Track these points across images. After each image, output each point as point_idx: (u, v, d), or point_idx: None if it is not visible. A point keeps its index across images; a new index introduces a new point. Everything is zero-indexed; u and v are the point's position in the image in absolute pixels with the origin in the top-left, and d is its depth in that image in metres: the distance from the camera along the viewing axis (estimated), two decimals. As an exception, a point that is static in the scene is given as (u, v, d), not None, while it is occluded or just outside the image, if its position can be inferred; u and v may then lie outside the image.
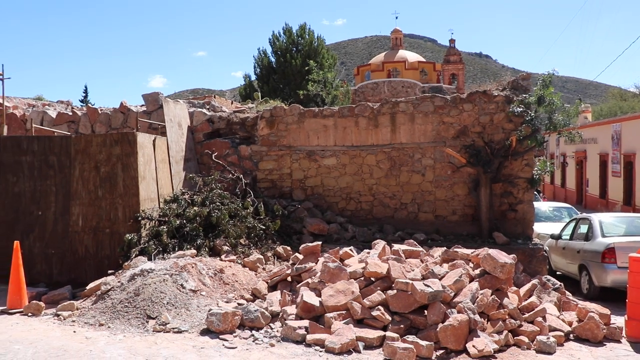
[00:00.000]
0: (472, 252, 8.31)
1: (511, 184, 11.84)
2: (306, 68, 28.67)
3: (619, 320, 7.84)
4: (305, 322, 7.15)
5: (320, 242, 9.37)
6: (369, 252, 8.67)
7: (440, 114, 12.13)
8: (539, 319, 7.35)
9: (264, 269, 9.61)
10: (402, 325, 6.99)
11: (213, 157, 12.84)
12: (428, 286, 7.14)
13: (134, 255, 9.29)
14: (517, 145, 11.59)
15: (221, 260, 9.33)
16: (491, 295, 7.31)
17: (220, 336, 7.00)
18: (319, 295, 7.59)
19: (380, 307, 7.20)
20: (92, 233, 10.01)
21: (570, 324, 7.61)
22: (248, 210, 10.72)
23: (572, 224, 12.78)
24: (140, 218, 9.82)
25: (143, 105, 13.58)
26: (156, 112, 12.79)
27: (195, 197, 10.85)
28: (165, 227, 9.83)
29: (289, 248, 10.38)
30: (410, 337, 6.63)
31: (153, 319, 7.42)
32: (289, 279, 8.76)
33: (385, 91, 49.54)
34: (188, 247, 9.54)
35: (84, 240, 10.03)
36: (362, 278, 7.82)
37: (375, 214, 12.48)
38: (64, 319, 7.72)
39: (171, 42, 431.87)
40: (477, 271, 7.87)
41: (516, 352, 6.78)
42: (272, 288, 8.71)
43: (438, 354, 6.59)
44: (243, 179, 12.04)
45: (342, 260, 8.72)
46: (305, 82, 27.76)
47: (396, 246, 8.77)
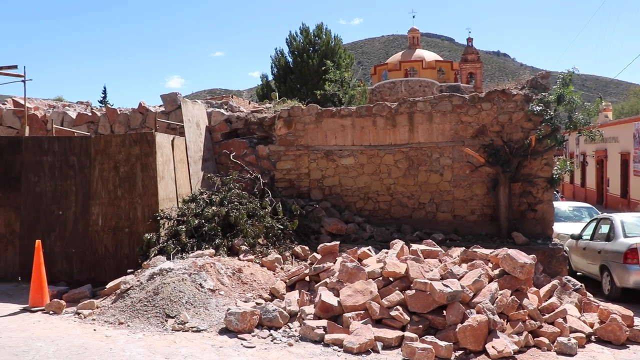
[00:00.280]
0: (491, 252, 8.26)
1: (530, 183, 11.74)
2: (323, 68, 28.63)
3: (642, 322, 7.75)
4: (324, 322, 7.14)
5: (338, 242, 9.35)
6: (387, 252, 8.65)
7: (458, 113, 12.07)
8: (560, 320, 7.27)
9: (282, 268, 9.62)
10: (420, 326, 6.95)
11: (231, 157, 12.89)
12: (447, 286, 7.09)
13: (152, 255, 9.34)
14: (537, 145, 11.48)
15: (239, 259, 9.35)
16: (511, 295, 7.25)
17: (239, 335, 7.02)
18: (337, 295, 7.58)
19: (398, 307, 7.17)
20: (112, 232, 10.09)
21: (591, 326, 7.51)
22: (266, 210, 10.74)
23: (592, 224, 12.62)
24: (159, 218, 9.88)
25: (161, 106, 13.66)
26: (174, 113, 12.85)
27: (213, 196, 10.89)
28: (183, 227, 9.88)
29: (307, 248, 10.39)
30: (429, 338, 6.60)
31: (172, 318, 7.46)
32: (307, 278, 8.76)
33: (402, 91, 49.30)
34: (206, 246, 9.58)
35: (103, 240, 10.11)
36: (381, 278, 7.80)
37: (393, 214, 12.44)
38: (85, 317, 7.79)
39: (189, 42, 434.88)
40: (497, 271, 7.81)
41: (536, 353, 6.71)
42: (290, 288, 8.71)
43: (457, 354, 6.55)
44: (261, 179, 12.06)
45: (360, 260, 8.70)
46: (322, 82, 27.74)
47: (414, 246, 8.73)
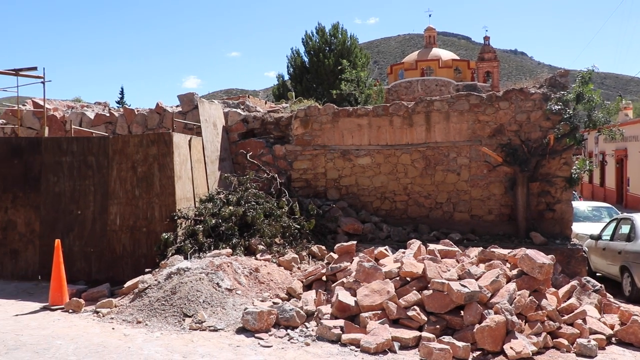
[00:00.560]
0: (509, 253, 8.19)
1: (549, 183, 11.64)
2: (339, 67, 28.62)
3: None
4: (341, 322, 7.13)
5: (355, 242, 9.33)
6: (404, 252, 8.61)
7: (475, 112, 11.99)
8: (579, 321, 7.19)
9: (298, 268, 9.62)
10: (438, 326, 6.92)
11: (248, 157, 12.93)
12: (464, 286, 7.05)
13: (170, 254, 9.40)
14: (555, 144, 11.39)
15: (256, 259, 9.37)
16: (529, 296, 7.19)
17: (256, 335, 7.03)
18: (354, 295, 7.56)
19: (415, 307, 7.14)
20: (130, 232, 10.16)
21: (612, 327, 7.43)
22: (283, 210, 10.75)
23: (612, 224, 12.47)
24: (176, 217, 9.93)
25: (178, 106, 13.73)
26: (191, 113, 12.91)
27: (230, 196, 10.92)
28: (201, 227, 9.92)
29: (323, 247, 10.38)
30: (447, 338, 6.56)
31: (189, 317, 7.49)
32: (324, 278, 8.75)
33: (418, 90, 49.17)
34: (223, 246, 9.61)
35: (121, 239, 10.19)
36: (398, 278, 7.77)
37: (410, 214, 12.40)
38: (103, 316, 7.86)
39: (205, 42, 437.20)
40: (515, 272, 7.74)
41: (555, 354, 6.64)
42: (307, 287, 8.71)
43: (475, 355, 6.51)
44: (278, 179, 12.08)
45: (377, 260, 8.68)
46: (339, 82, 27.72)
47: (431, 246, 8.69)
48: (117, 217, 10.23)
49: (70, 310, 8.26)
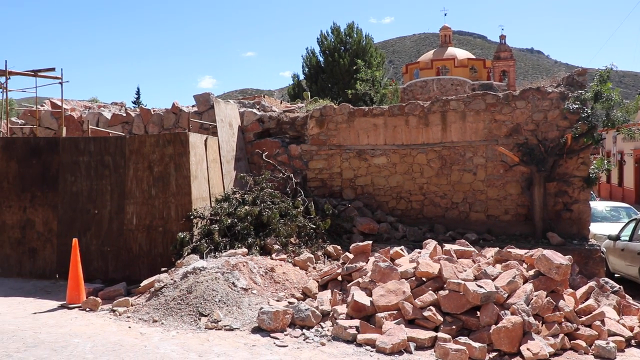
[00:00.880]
0: (525, 253, 8.14)
1: (566, 183, 11.54)
2: (354, 67, 28.58)
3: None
4: (356, 322, 7.13)
5: (370, 242, 9.31)
6: (420, 252, 8.58)
7: (492, 111, 11.92)
8: (597, 322, 7.12)
9: (314, 268, 9.63)
10: (454, 326, 6.89)
11: (263, 157, 12.95)
12: (481, 287, 7.01)
13: (186, 254, 9.44)
14: (573, 143, 11.28)
15: (272, 259, 9.39)
16: (546, 297, 7.13)
17: (271, 334, 7.04)
18: (370, 295, 7.55)
19: (431, 307, 7.11)
20: (146, 231, 10.22)
21: (631, 329, 7.34)
22: (298, 210, 10.75)
23: (631, 224, 12.32)
24: (192, 217, 9.97)
25: (194, 106, 13.78)
26: (207, 113, 12.96)
27: (246, 196, 10.95)
28: (216, 226, 9.95)
29: (339, 247, 10.37)
30: (463, 339, 6.53)
31: (205, 316, 7.52)
32: (340, 278, 8.75)
33: (434, 89, 49.01)
34: (239, 245, 9.63)
35: (137, 239, 10.25)
36: (413, 278, 7.74)
37: (425, 214, 12.35)
38: (120, 315, 7.92)
39: (220, 43, 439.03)
40: (531, 272, 7.69)
41: (573, 356, 6.59)
42: (323, 287, 8.71)
43: (491, 356, 6.47)
44: (293, 178, 12.09)
45: (393, 260, 8.66)
46: (354, 81, 27.68)
47: (447, 246, 8.65)
48: (133, 217, 10.30)
49: (87, 309, 8.33)
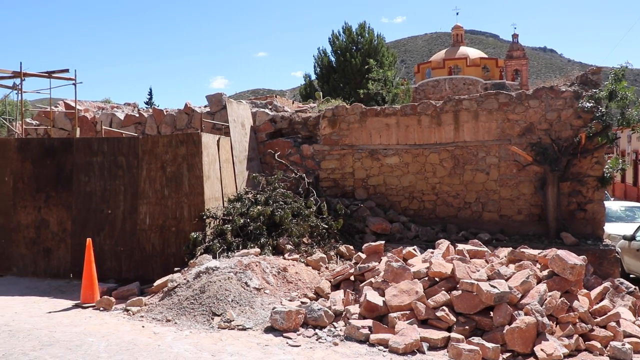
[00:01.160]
0: (539, 253, 8.09)
1: (580, 182, 11.46)
2: (366, 67, 28.58)
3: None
4: (369, 322, 7.12)
5: (383, 242, 9.31)
6: (432, 252, 8.57)
7: (505, 111, 11.86)
8: (613, 323, 7.05)
9: (326, 267, 9.63)
10: (467, 327, 6.86)
11: (276, 157, 12.97)
12: (494, 287, 6.98)
13: (199, 253, 9.47)
14: (587, 143, 11.20)
15: (284, 259, 9.40)
16: (560, 297, 7.09)
17: (284, 334, 7.05)
18: (383, 295, 7.54)
19: (444, 307, 7.09)
20: (159, 231, 10.27)
21: (647, 330, 7.27)
22: (311, 210, 10.76)
23: (646, 225, 12.23)
24: (205, 217, 10.00)
25: (207, 106, 13.84)
26: (219, 113, 13.00)
27: (258, 196, 10.97)
28: (229, 226, 9.98)
29: (351, 247, 10.37)
30: (476, 339, 6.50)
31: (218, 316, 7.54)
32: (352, 278, 8.74)
33: (446, 89, 48.90)
34: (252, 245, 9.65)
35: (151, 238, 10.30)
36: (426, 278, 7.72)
37: (438, 213, 12.31)
38: (133, 314, 7.96)
39: (232, 43, 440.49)
40: (545, 272, 7.64)
41: (588, 357, 6.54)
42: (335, 287, 8.71)
43: (504, 356, 6.44)
44: (305, 178, 12.10)
45: (406, 260, 8.64)
46: (366, 81, 27.68)
47: (460, 246, 8.63)
48: (146, 217, 10.35)
49: (101, 308, 8.38)
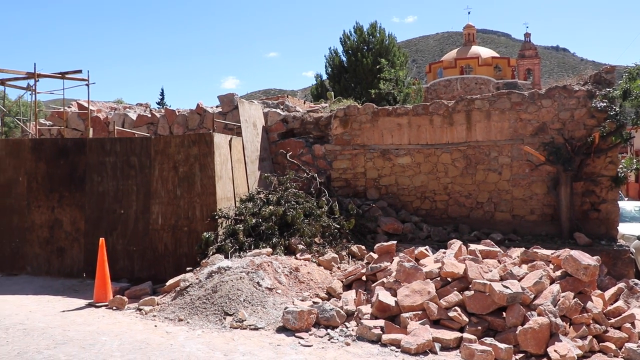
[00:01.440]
0: (552, 253, 8.03)
1: (594, 182, 11.38)
2: (377, 67, 28.52)
3: None
4: (381, 322, 7.10)
5: (394, 242, 9.28)
6: (444, 252, 8.53)
7: (517, 110, 11.80)
8: (627, 325, 6.99)
9: (338, 267, 9.63)
10: (479, 327, 6.83)
11: (287, 157, 12.99)
12: (507, 287, 6.94)
13: (211, 253, 9.50)
14: (600, 142, 11.12)
15: (296, 258, 9.41)
16: (573, 298, 7.03)
17: (296, 334, 7.05)
18: (395, 295, 7.52)
19: (457, 308, 7.06)
20: (171, 231, 10.32)
21: (662, 331, 7.20)
22: (322, 210, 10.77)
23: (662, 225, 12.12)
24: (217, 217, 10.03)
25: (218, 107, 13.87)
26: (231, 113, 13.03)
27: (270, 196, 10.99)
28: (241, 226, 10.00)
29: (363, 247, 10.36)
30: (488, 340, 6.47)
31: (230, 315, 7.56)
32: (364, 278, 8.73)
33: (458, 88, 48.70)
34: (264, 245, 9.67)
35: (163, 238, 10.35)
36: (438, 278, 7.69)
37: (450, 213, 12.28)
38: (146, 314, 8.00)
39: (244, 43, 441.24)
40: (558, 273, 7.59)
41: (602, 359, 6.47)
42: (347, 287, 8.71)
43: (517, 357, 6.38)
44: (317, 178, 12.11)
45: (418, 260, 8.62)
46: (377, 81, 27.61)
47: (472, 246, 8.58)
48: (159, 217, 10.40)
49: (114, 308, 8.43)
